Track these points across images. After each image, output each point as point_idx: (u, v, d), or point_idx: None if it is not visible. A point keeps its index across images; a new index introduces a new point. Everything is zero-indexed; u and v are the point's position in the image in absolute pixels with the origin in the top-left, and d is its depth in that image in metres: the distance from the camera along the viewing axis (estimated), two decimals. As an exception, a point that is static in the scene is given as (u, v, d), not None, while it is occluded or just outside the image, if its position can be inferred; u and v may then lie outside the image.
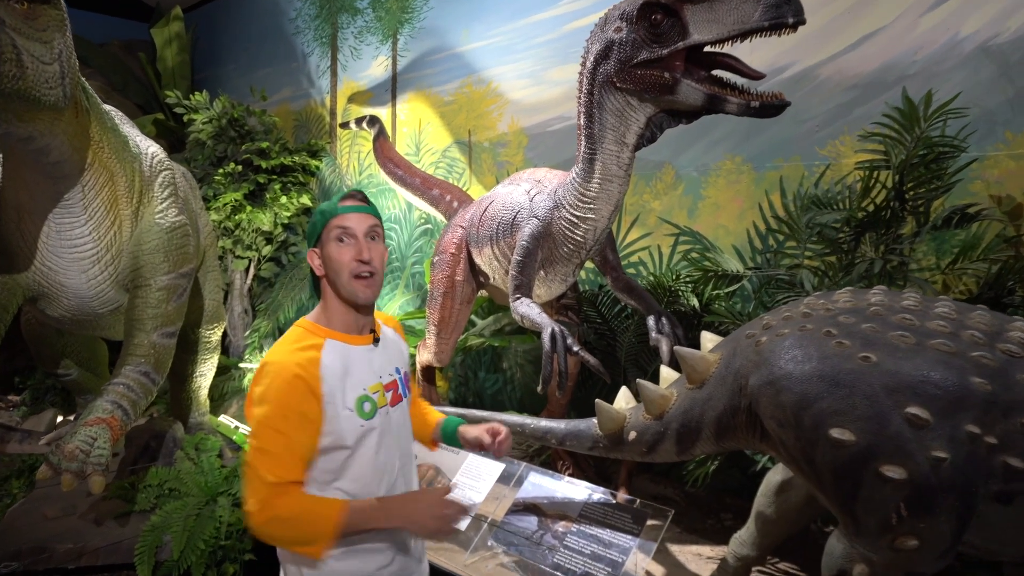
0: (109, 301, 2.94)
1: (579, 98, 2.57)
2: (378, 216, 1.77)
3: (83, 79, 2.52)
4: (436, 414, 2.16)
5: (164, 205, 2.94)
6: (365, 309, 1.74)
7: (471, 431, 2.02)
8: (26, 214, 2.64)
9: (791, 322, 1.95)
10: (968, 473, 1.60)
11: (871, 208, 2.60)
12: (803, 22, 1.98)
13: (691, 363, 2.15)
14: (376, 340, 1.78)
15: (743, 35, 2.07)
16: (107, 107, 3.10)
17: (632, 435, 2.32)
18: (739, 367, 2.02)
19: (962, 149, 2.41)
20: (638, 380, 2.28)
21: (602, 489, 2.65)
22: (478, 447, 2.00)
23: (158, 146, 3.18)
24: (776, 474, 2.38)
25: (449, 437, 2.07)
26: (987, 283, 2.47)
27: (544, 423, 2.62)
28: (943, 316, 1.79)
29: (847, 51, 2.95)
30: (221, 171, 5.11)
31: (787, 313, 2.01)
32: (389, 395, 1.75)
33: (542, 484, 2.80)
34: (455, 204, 3.80)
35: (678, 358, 2.18)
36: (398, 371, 1.83)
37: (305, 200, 5.32)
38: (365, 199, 1.75)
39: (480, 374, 4.52)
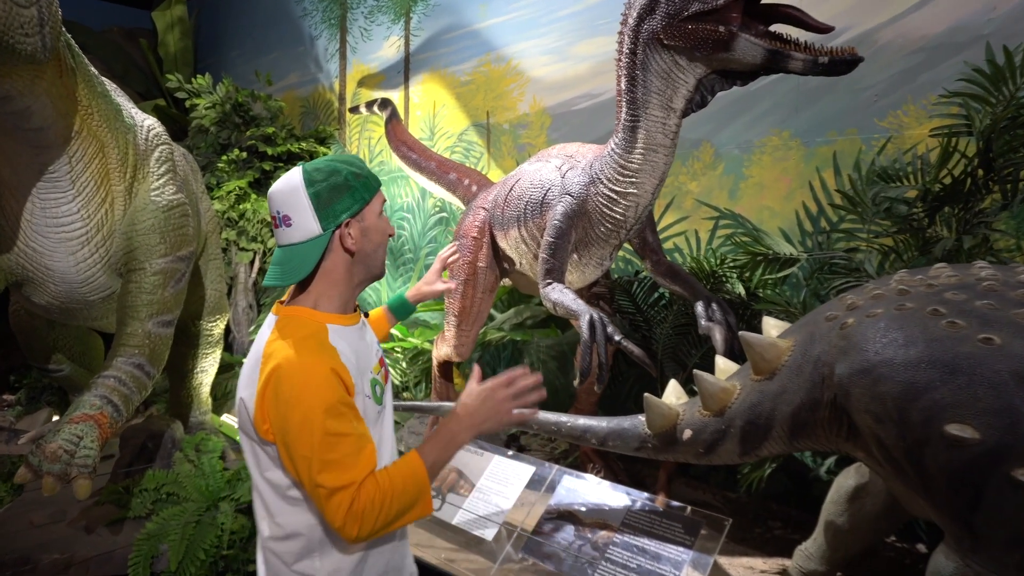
0: (100, 287, 2.67)
1: (619, 60, 2.31)
2: None
3: (68, 36, 2.26)
4: (378, 309, 2.09)
5: (161, 182, 2.68)
6: (366, 287, 1.65)
7: (423, 283, 2.11)
8: (7, 189, 2.39)
9: (884, 301, 1.67)
10: (1121, 478, 1.32)
11: (948, 180, 2.32)
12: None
13: (759, 351, 1.87)
14: (366, 314, 1.72)
15: None
16: (101, 77, 2.85)
17: (687, 434, 2.04)
18: (820, 354, 1.74)
19: (1058, 110, 2.14)
20: (695, 371, 2.01)
21: (646, 495, 2.38)
22: (435, 286, 2.10)
23: (155, 120, 2.92)
24: (848, 478, 2.10)
25: (402, 307, 2.07)
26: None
27: (583, 421, 2.34)
28: (1073, 291, 1.51)
29: (911, 11, 2.68)
30: (225, 158, 4.86)
31: (876, 291, 1.73)
32: (383, 372, 1.67)
33: (578, 489, 2.53)
34: (474, 188, 3.53)
35: (743, 345, 1.91)
36: (379, 345, 1.75)
37: (313, 189, 5.06)
38: None
39: (499, 369, 4.25)
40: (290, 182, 1.48)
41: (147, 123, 2.77)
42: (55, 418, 4.46)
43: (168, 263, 2.64)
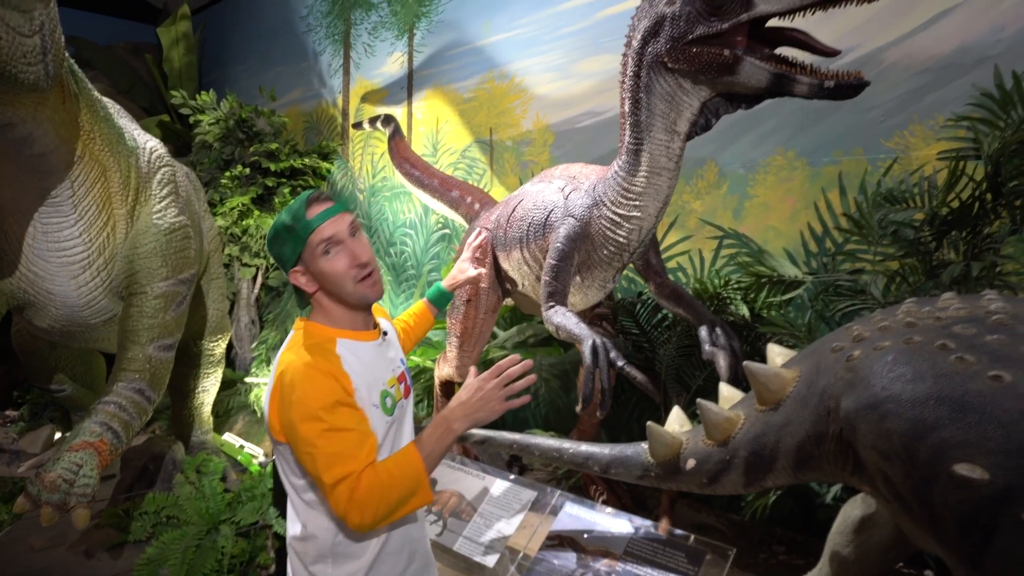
0: (102, 310, 2.67)
1: (623, 82, 2.29)
2: (352, 206, 1.63)
3: (71, 60, 2.25)
4: (418, 303, 2.35)
5: (163, 204, 2.67)
6: (368, 307, 1.71)
7: (455, 273, 2.42)
8: (9, 214, 2.38)
9: (891, 333, 1.64)
10: None
11: (955, 204, 2.29)
12: (887, -13, 1.69)
13: (764, 381, 1.85)
14: (384, 333, 1.76)
15: (819, 4, 1.81)
16: (104, 99, 2.85)
17: (691, 463, 2.01)
18: (825, 386, 1.71)
19: (1067, 135, 2.11)
20: (699, 400, 1.98)
21: (650, 522, 2.35)
22: (468, 272, 2.43)
23: (158, 141, 2.92)
24: (855, 508, 2.06)
25: (441, 297, 2.36)
26: (1093, 289, 2.15)
27: (585, 448, 2.31)
28: (1085, 326, 1.48)
29: (918, 31, 2.65)
30: (228, 174, 4.86)
31: (883, 323, 1.70)
32: (402, 387, 1.76)
33: (580, 515, 2.50)
34: (476, 206, 3.52)
35: (747, 375, 1.88)
36: (402, 361, 1.84)
37: (316, 204, 5.05)
38: (328, 197, 1.63)
39: (502, 389, 4.22)
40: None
41: (149, 145, 2.77)
42: (57, 435, 4.45)
43: (170, 286, 2.63)
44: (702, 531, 3.07)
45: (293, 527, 1.65)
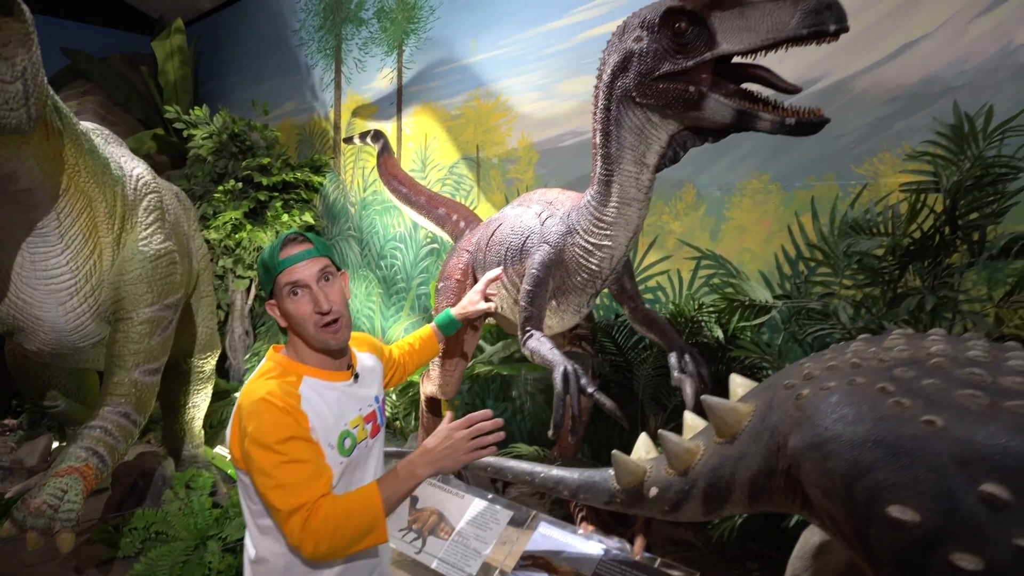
0: (90, 334, 2.74)
1: (594, 114, 2.35)
2: (326, 252, 1.71)
3: (56, 98, 2.32)
4: (426, 328, 2.43)
5: (149, 231, 2.74)
6: (333, 352, 1.74)
7: (467, 302, 2.50)
8: (-2, 244, 2.46)
9: (838, 373, 1.70)
10: (1058, 564, 1.35)
11: (917, 235, 2.34)
12: (846, 29, 1.76)
13: (720, 414, 1.91)
14: (356, 375, 1.78)
15: (778, 45, 1.86)
16: (90, 125, 2.92)
17: (653, 491, 2.07)
18: (776, 423, 1.77)
19: (1022, 169, 2.16)
20: (660, 431, 2.04)
21: (618, 544, 2.41)
22: (478, 305, 2.50)
23: (145, 167, 2.99)
24: (814, 534, 2.13)
25: (450, 324, 2.46)
26: (1049, 320, 2.21)
27: (556, 472, 2.38)
28: (1019, 371, 1.54)
29: (886, 61, 2.70)
30: (221, 188, 4.93)
31: (832, 362, 1.76)
32: (369, 427, 1.78)
33: (553, 536, 2.57)
34: (462, 224, 3.58)
35: (705, 408, 1.94)
36: (376, 399, 1.86)
37: (308, 218, 5.13)
38: (307, 239, 1.68)
39: (488, 402, 4.29)
40: None
41: (136, 172, 2.83)
42: (55, 445, 4.53)
43: (155, 312, 2.70)
44: (678, 547, 3.14)
45: (249, 550, 1.71)
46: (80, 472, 2.32)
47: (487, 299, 2.55)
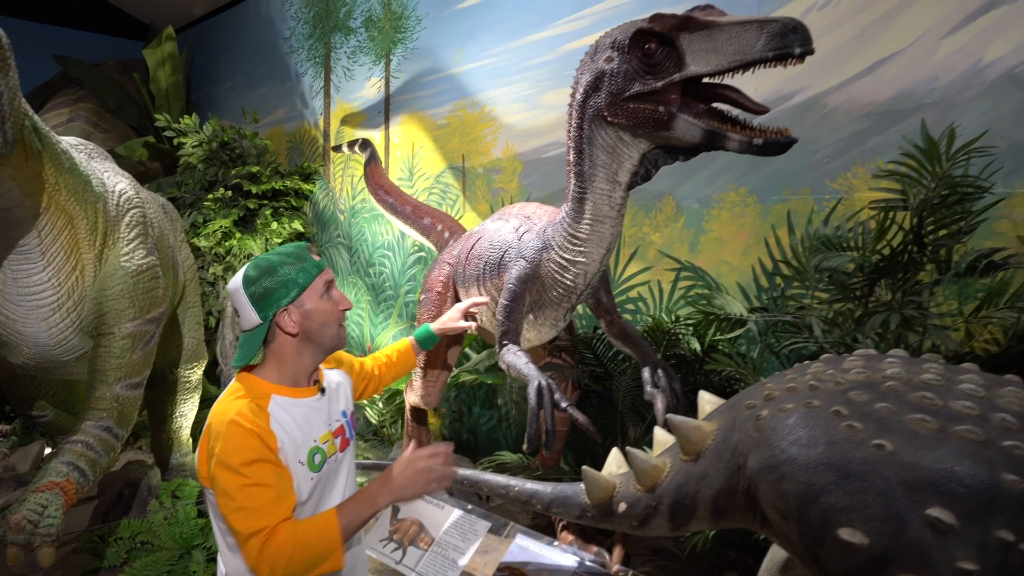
0: (73, 348, 2.77)
1: (568, 132, 2.38)
2: None
3: (35, 118, 2.35)
4: (404, 341, 2.40)
5: (131, 247, 2.77)
6: (327, 356, 1.80)
7: (448, 319, 2.48)
8: (-20, 261, 2.49)
9: (796, 395, 1.73)
10: (1001, 587, 1.38)
11: (886, 251, 2.37)
12: (811, 52, 1.78)
13: (684, 433, 1.94)
14: (322, 390, 1.80)
15: (744, 66, 1.88)
16: (73, 140, 2.95)
17: (622, 507, 2.10)
18: (737, 443, 1.80)
19: (986, 189, 2.19)
20: (628, 448, 2.07)
21: (591, 557, 2.45)
22: (458, 323, 2.48)
23: (129, 182, 3.02)
24: (781, 549, 2.16)
25: (428, 339, 2.43)
26: (1016, 335, 2.23)
27: (530, 486, 2.42)
28: (970, 395, 1.57)
29: (859, 77, 2.73)
30: (211, 196, 4.97)
31: (791, 383, 1.79)
32: (338, 441, 1.81)
33: (529, 547, 2.59)
34: (446, 234, 3.61)
35: (671, 427, 1.97)
36: (344, 414, 1.88)
37: (297, 225, 5.16)
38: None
39: (475, 409, 4.32)
40: (235, 283, 1.69)
41: (119, 188, 2.86)
42: (48, 451, 4.57)
43: (137, 326, 2.73)
44: (658, 556, 3.17)
45: (220, 566, 1.75)
46: (61, 487, 2.35)
47: (468, 318, 2.56)
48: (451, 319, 2.50)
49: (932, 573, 1.39)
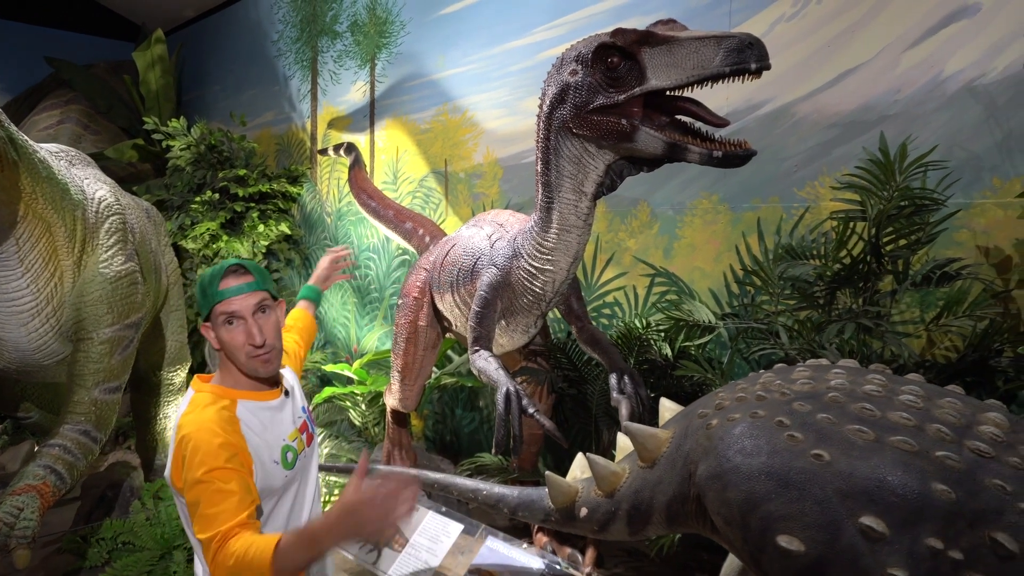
0: (53, 353, 2.82)
1: (537, 142, 2.42)
2: (265, 285, 1.76)
3: (10, 129, 2.40)
4: (296, 309, 2.47)
5: (109, 253, 2.82)
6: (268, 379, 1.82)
7: (318, 271, 2.60)
8: (-41, 269, 2.53)
9: (744, 404, 1.78)
10: (929, 593, 1.43)
11: (847, 260, 2.42)
12: (767, 67, 1.82)
13: (641, 441, 1.99)
14: (286, 392, 1.85)
15: (703, 81, 1.92)
16: (54, 147, 2.99)
17: (583, 512, 2.16)
18: (689, 451, 1.86)
19: (941, 202, 2.23)
20: (588, 454, 2.12)
21: (559, 561, 2.49)
22: (330, 279, 2.61)
23: (109, 188, 3.06)
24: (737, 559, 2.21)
25: (315, 294, 2.53)
26: (972, 344, 2.28)
27: (497, 490, 2.47)
28: (908, 406, 1.62)
29: (826, 88, 2.78)
30: (198, 199, 5.01)
31: (741, 392, 1.84)
32: (304, 436, 1.87)
33: (498, 550, 2.64)
34: (428, 239, 3.66)
35: (628, 434, 2.02)
36: (304, 409, 1.94)
37: (284, 228, 5.20)
38: (247, 271, 1.73)
39: (457, 411, 4.38)
40: None
41: (98, 195, 2.91)
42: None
43: (115, 332, 2.78)
44: (631, 557, 3.22)
45: (197, 569, 1.80)
46: (37, 490, 2.40)
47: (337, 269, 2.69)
48: (323, 269, 2.63)
49: (863, 579, 1.45)
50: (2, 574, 2.95)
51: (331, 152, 4.58)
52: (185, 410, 1.72)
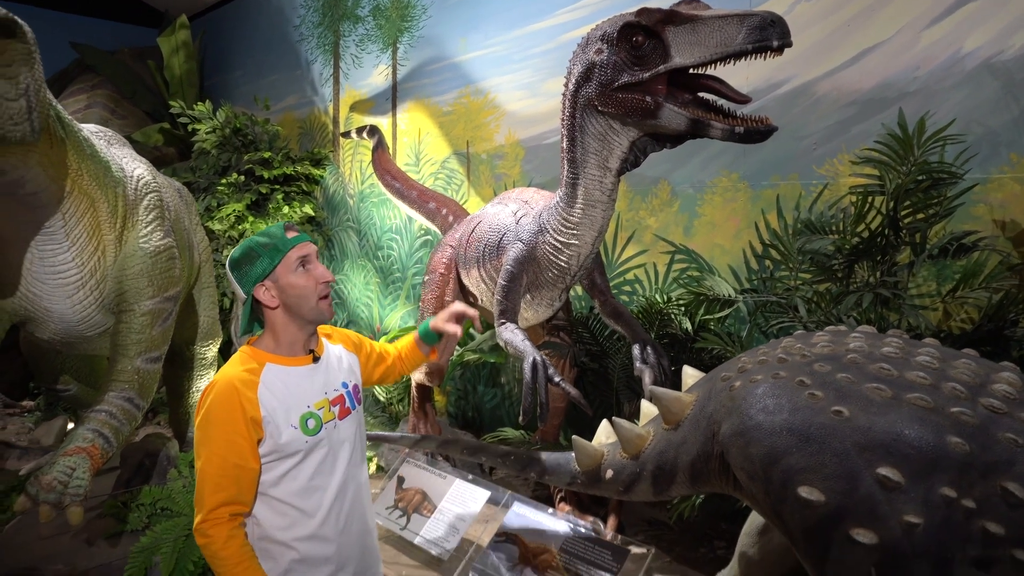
0: (96, 324, 2.94)
1: (562, 120, 2.49)
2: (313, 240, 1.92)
3: (59, 108, 2.50)
4: (409, 337, 2.28)
5: (149, 229, 2.93)
6: (315, 327, 1.86)
7: (439, 319, 2.21)
8: (9, 243, 2.65)
9: (766, 367, 1.86)
10: (943, 539, 1.51)
11: (865, 234, 2.48)
12: (789, 44, 1.88)
13: (666, 404, 2.08)
14: (316, 359, 1.87)
15: (726, 58, 1.99)
16: (93, 128, 3.10)
17: (609, 473, 2.25)
18: (712, 412, 1.94)
19: (959, 176, 2.29)
20: (614, 418, 2.21)
21: (584, 524, 2.59)
22: (446, 327, 2.19)
23: (146, 167, 3.17)
24: (759, 514, 2.30)
25: (428, 335, 2.24)
26: (987, 314, 2.34)
27: (527, 455, 2.57)
28: (924, 366, 1.70)
29: (846, 66, 2.83)
30: (224, 181, 5.12)
31: (763, 356, 1.92)
32: (336, 409, 1.87)
33: (525, 515, 2.75)
34: (451, 219, 3.75)
35: (653, 398, 2.11)
36: (345, 385, 1.94)
37: (308, 209, 5.31)
38: (296, 228, 1.85)
39: (479, 388, 4.48)
40: (227, 269, 1.83)
41: (136, 173, 3.01)
42: (70, 426, 4.77)
43: (156, 304, 2.89)
44: (651, 526, 3.32)
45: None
46: (87, 452, 2.52)
47: (458, 321, 2.32)
48: (441, 319, 2.24)
49: (881, 526, 1.53)
50: (55, 531, 3.09)
51: (354, 135, 4.67)
52: (224, 366, 1.82)
